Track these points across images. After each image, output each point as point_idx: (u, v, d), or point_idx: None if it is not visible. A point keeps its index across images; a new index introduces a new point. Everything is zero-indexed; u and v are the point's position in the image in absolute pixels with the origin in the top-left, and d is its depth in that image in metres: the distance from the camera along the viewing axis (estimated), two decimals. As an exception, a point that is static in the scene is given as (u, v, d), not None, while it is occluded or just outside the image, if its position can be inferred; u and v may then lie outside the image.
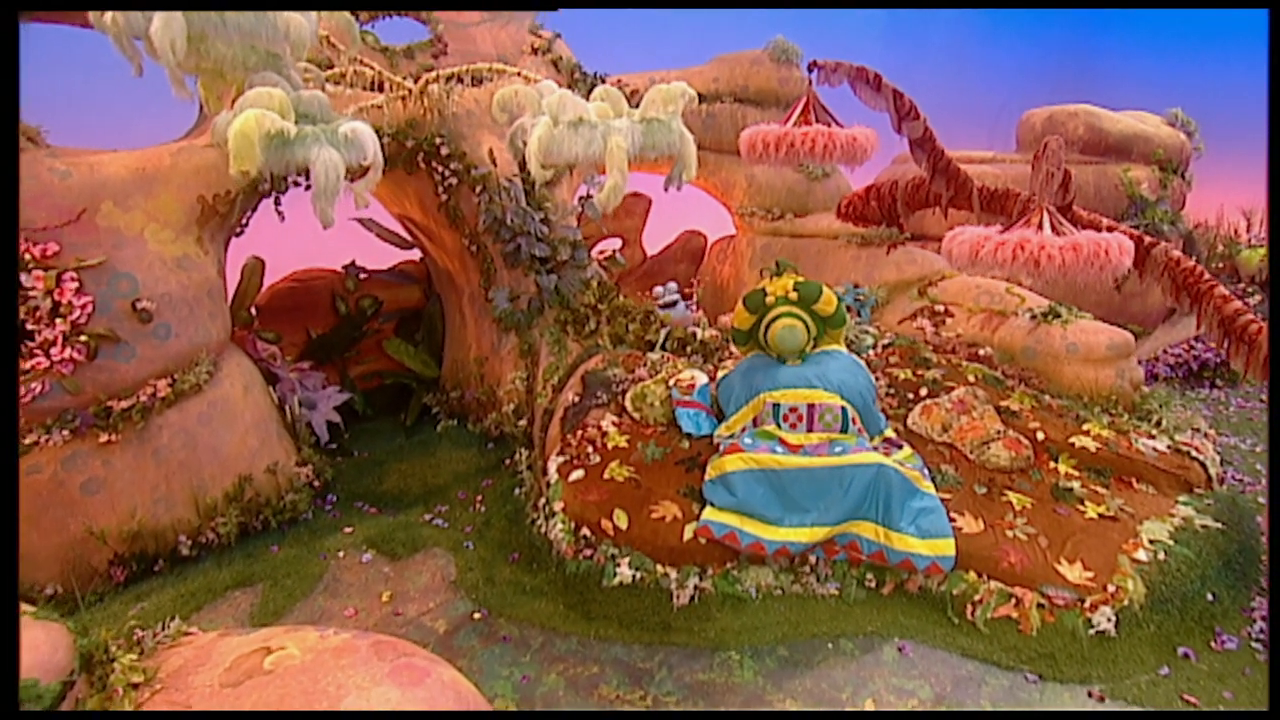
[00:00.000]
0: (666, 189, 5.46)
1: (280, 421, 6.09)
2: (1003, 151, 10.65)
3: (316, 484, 6.05)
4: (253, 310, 7.29)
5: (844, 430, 5.24)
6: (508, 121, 5.36)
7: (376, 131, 4.66)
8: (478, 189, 6.84)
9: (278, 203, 6.20)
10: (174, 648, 2.82)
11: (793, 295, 5.40)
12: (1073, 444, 5.65)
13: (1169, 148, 10.21)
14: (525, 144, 4.92)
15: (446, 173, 6.82)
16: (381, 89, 6.44)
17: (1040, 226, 4.89)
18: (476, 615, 4.67)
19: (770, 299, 5.44)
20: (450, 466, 6.60)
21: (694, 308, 8.01)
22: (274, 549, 5.38)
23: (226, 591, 4.87)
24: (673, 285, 7.51)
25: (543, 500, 5.37)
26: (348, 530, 5.63)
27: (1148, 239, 5.91)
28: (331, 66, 6.11)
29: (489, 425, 7.00)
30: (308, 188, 4.36)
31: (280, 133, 4.10)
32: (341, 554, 5.31)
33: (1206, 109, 11.02)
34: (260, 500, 5.57)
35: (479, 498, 6.12)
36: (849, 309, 7.56)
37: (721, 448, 5.15)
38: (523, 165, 6.89)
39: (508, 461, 6.49)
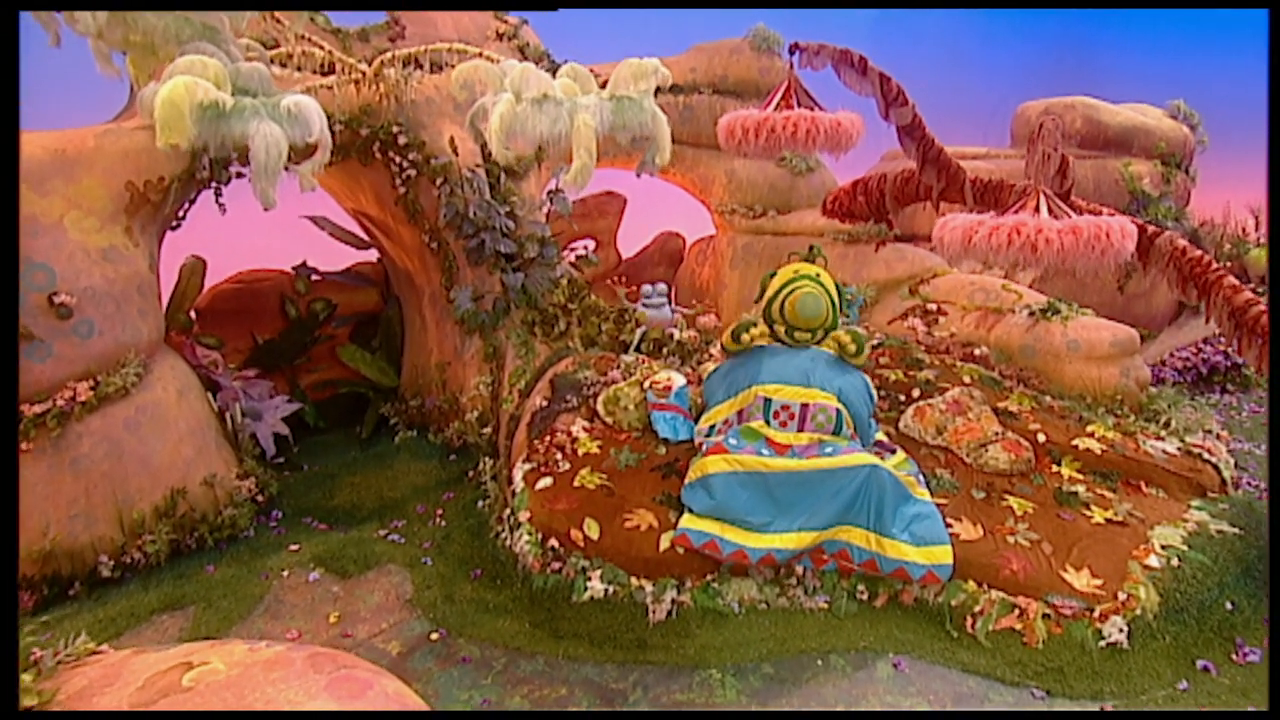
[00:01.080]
0: (639, 174, 5.39)
1: (220, 430, 5.91)
2: (997, 147, 10.74)
3: (260, 499, 5.86)
4: (192, 313, 7.10)
5: (836, 432, 5.16)
6: (469, 101, 5.27)
7: (327, 117, 4.54)
8: (438, 181, 6.73)
9: (218, 194, 6.04)
10: (78, 667, 2.64)
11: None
12: (1076, 446, 5.60)
13: (1171, 141, 10.34)
14: (487, 125, 4.83)
15: (404, 163, 6.70)
16: (332, 71, 6.33)
17: (1036, 210, 4.87)
18: (434, 635, 4.51)
19: (794, 273, 5.37)
20: (409, 479, 6.43)
21: (677, 311, 7.92)
22: (209, 568, 5.17)
23: (152, 615, 4.65)
24: (661, 286, 7.44)
25: (508, 511, 5.22)
26: (293, 548, 5.44)
27: (1151, 228, 5.93)
28: (277, 45, 5.99)
29: (451, 435, 6.85)
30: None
31: (214, 104, 3.98)
32: (285, 573, 5.12)
33: (1211, 104, 11.16)
34: (195, 516, 5.37)
35: (439, 511, 5.95)
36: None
37: (704, 448, 5.05)
38: (486, 155, 6.81)
39: (471, 473, 6.34)
